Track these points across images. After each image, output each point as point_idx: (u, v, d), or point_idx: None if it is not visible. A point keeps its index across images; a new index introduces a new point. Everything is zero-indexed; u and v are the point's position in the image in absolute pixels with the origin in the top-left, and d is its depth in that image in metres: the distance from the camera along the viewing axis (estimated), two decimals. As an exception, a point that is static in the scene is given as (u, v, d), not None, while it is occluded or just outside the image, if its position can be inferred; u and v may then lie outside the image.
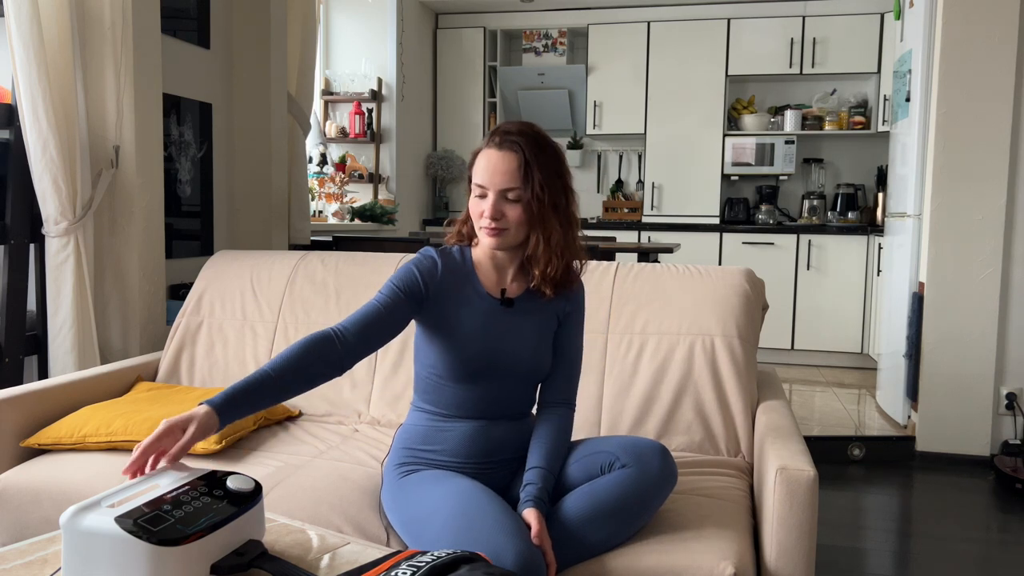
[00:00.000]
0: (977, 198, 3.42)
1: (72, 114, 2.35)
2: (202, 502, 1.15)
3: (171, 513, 1.10)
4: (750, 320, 2.12)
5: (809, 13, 5.47)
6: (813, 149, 5.78)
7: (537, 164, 1.50)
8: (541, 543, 1.39)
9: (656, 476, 1.49)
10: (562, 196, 1.54)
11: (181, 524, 1.09)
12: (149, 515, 1.09)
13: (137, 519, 1.07)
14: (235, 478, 1.23)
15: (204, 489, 1.19)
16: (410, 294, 1.54)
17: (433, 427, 1.60)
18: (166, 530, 1.06)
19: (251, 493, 1.21)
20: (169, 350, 2.41)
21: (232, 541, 1.15)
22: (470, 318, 1.57)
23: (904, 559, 2.57)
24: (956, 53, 3.39)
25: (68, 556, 1.08)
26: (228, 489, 1.20)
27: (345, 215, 4.63)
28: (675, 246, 3.68)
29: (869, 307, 5.20)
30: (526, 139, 1.51)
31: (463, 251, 1.64)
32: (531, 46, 6.02)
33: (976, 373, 3.45)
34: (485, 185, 1.51)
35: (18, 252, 2.38)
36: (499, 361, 1.56)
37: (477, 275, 1.61)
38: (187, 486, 1.19)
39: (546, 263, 1.54)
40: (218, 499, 1.17)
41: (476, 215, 1.54)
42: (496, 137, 1.52)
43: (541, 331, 1.61)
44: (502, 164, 1.49)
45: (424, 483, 1.51)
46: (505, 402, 1.60)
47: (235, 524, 1.15)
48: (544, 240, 1.53)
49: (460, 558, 1.12)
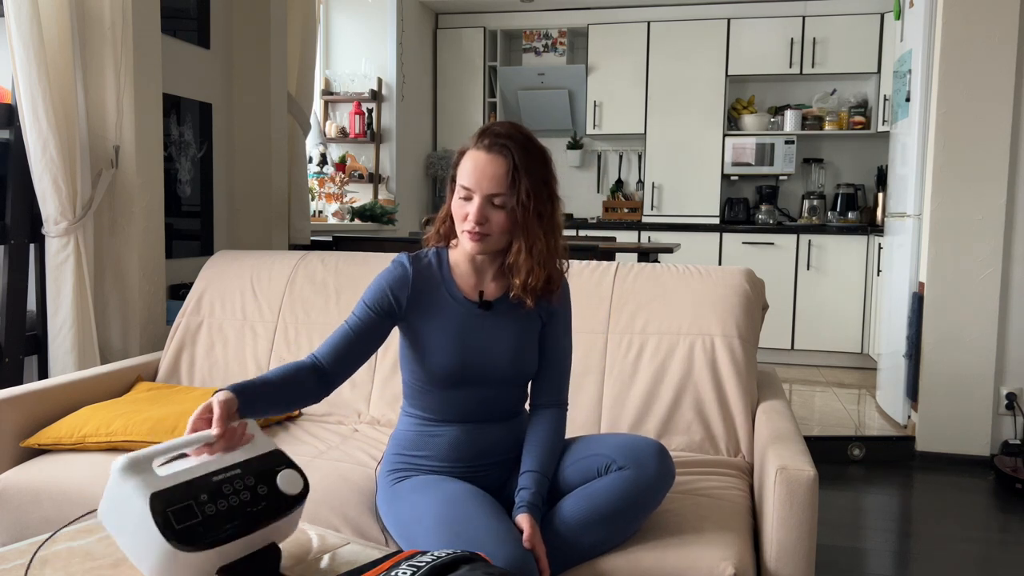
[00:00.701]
0: (977, 198, 3.42)
1: (72, 114, 2.35)
2: (239, 499, 1.11)
3: (204, 507, 1.07)
4: (750, 320, 2.12)
5: (809, 13, 5.47)
6: (813, 149, 5.78)
7: (525, 170, 1.45)
8: (534, 548, 1.38)
9: (653, 478, 1.47)
10: (548, 204, 1.50)
11: (205, 527, 1.05)
12: (181, 505, 1.06)
13: (169, 506, 1.04)
14: (287, 476, 1.18)
15: (252, 481, 1.14)
16: (383, 312, 1.53)
17: (423, 432, 1.59)
18: (189, 530, 1.04)
19: (293, 498, 1.17)
20: (169, 350, 2.41)
21: (253, 544, 1.12)
22: (446, 326, 1.54)
23: (904, 559, 2.57)
24: (956, 53, 3.39)
25: (111, 494, 1.09)
26: (275, 488, 1.16)
27: (345, 215, 4.63)
28: (675, 246, 3.67)
29: (869, 307, 5.20)
30: (516, 143, 1.46)
31: (439, 254, 1.60)
32: (531, 46, 6.02)
33: (976, 373, 3.45)
34: (471, 188, 1.46)
35: (18, 252, 2.38)
36: (480, 366, 1.54)
37: (453, 279, 1.57)
38: (238, 470, 1.14)
39: (527, 272, 1.50)
40: (259, 499, 1.13)
41: (459, 217, 1.49)
42: (485, 139, 1.47)
43: (523, 332, 1.57)
44: (490, 168, 1.45)
45: (415, 490, 1.50)
46: (493, 404, 1.58)
47: (261, 533, 1.12)
48: (526, 249, 1.49)
49: (460, 558, 1.12)
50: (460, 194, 1.49)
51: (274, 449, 1.23)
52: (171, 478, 1.09)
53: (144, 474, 1.08)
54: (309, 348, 2.30)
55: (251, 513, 1.11)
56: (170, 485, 1.08)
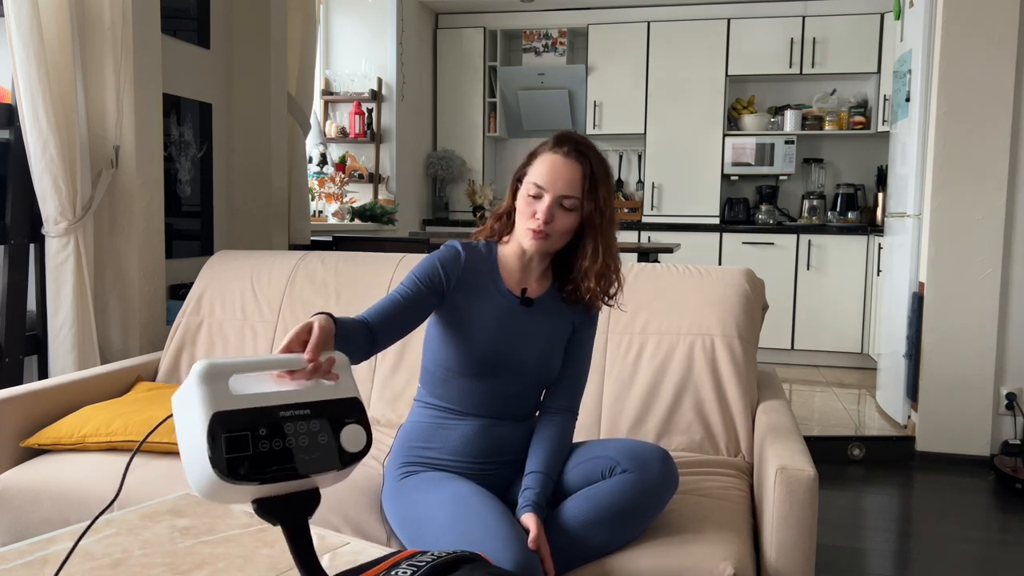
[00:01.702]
0: (977, 198, 3.42)
1: (72, 114, 2.35)
2: (297, 443, 1.07)
3: (259, 442, 1.04)
4: (750, 320, 2.12)
5: (809, 13, 5.47)
6: (813, 149, 5.78)
7: (601, 179, 1.53)
8: (539, 548, 1.39)
9: (657, 482, 1.48)
10: (615, 214, 1.59)
11: (252, 462, 1.03)
12: (238, 434, 1.03)
13: (226, 431, 1.03)
14: (352, 431, 1.12)
15: (316, 426, 1.09)
16: (431, 287, 1.55)
17: (436, 424, 1.60)
18: (235, 461, 1.01)
19: (351, 455, 1.11)
20: (169, 350, 2.41)
21: (297, 486, 1.07)
22: (486, 313, 1.57)
23: (904, 559, 2.57)
24: (956, 53, 3.39)
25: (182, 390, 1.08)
26: (336, 441, 1.10)
27: (345, 215, 4.63)
28: (675, 246, 3.68)
29: (869, 307, 5.20)
30: (593, 153, 1.54)
31: (489, 247, 1.65)
32: (531, 46, 6.02)
33: (976, 373, 3.45)
34: (545, 187, 1.51)
35: (18, 252, 2.38)
36: (509, 358, 1.57)
37: (500, 272, 1.61)
38: (308, 410, 1.10)
39: (599, 276, 1.56)
40: (316, 447, 1.08)
41: (526, 214, 1.54)
42: (564, 145, 1.53)
43: (554, 334, 1.61)
44: (567, 171, 1.51)
45: (423, 486, 1.51)
46: (510, 402, 1.60)
47: (308, 480, 1.07)
48: (604, 253, 1.56)
49: (460, 558, 1.11)
50: (531, 191, 1.53)
51: (353, 397, 1.16)
52: (239, 400, 1.06)
53: (217, 386, 1.05)
54: (309, 348, 2.30)
55: (304, 460, 1.07)
56: (234, 408, 1.05)
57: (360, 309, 2.29)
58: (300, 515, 1.08)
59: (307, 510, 1.09)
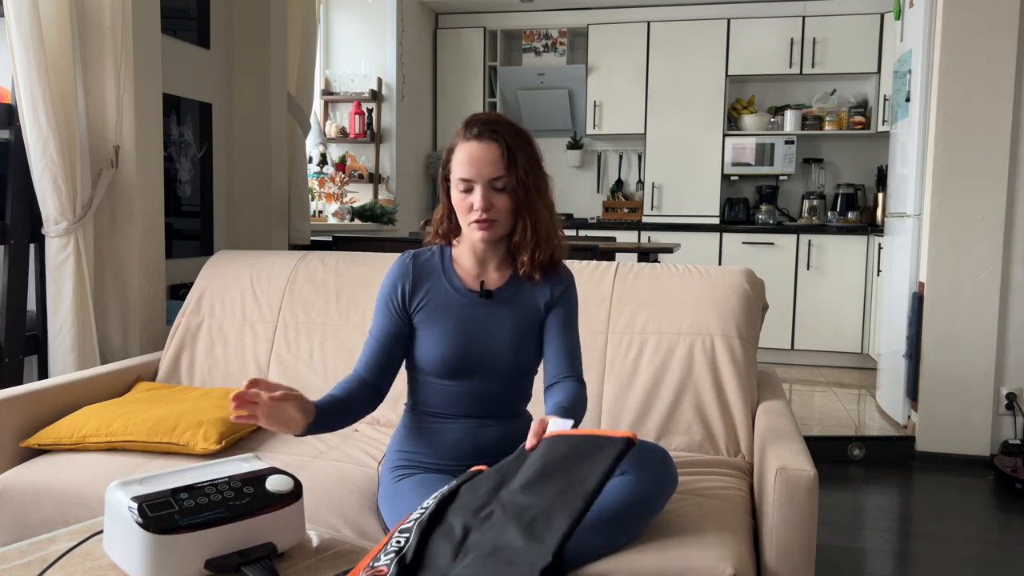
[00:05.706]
0: (977, 198, 3.42)
1: (72, 114, 2.35)
2: (223, 496, 1.17)
3: (183, 502, 1.14)
4: (750, 320, 2.12)
5: (809, 13, 5.47)
6: (813, 149, 5.78)
7: (518, 149, 1.51)
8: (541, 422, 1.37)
9: (656, 483, 1.48)
10: (543, 180, 1.56)
11: (180, 515, 1.12)
12: (160, 501, 1.13)
13: (145, 503, 1.12)
14: (276, 479, 1.24)
15: (238, 484, 1.20)
16: (394, 308, 1.59)
17: (425, 428, 1.61)
18: (164, 517, 1.10)
19: (282, 495, 1.21)
20: (169, 350, 2.41)
21: (238, 540, 1.15)
22: (448, 314, 1.57)
23: (904, 559, 2.57)
24: (956, 53, 3.39)
25: (106, 519, 1.18)
26: (262, 487, 1.21)
27: (345, 215, 4.63)
28: (675, 246, 3.67)
29: (869, 307, 5.20)
30: (503, 127, 1.52)
31: (442, 250, 1.64)
32: (531, 46, 6.02)
33: (976, 373, 3.45)
34: (471, 178, 1.50)
35: (18, 252, 2.38)
36: (480, 356, 1.56)
37: (455, 270, 1.61)
38: (226, 478, 1.21)
39: (534, 248, 1.55)
40: (243, 495, 1.18)
41: (463, 210, 1.53)
42: (473, 128, 1.52)
43: (523, 322, 1.59)
44: (486, 154, 1.49)
45: (416, 488, 1.51)
46: (493, 400, 1.60)
47: (242, 524, 1.15)
48: (532, 226, 1.54)
49: (443, 501, 1.24)
50: (460, 187, 1.52)
51: (270, 467, 1.29)
52: (155, 487, 1.18)
53: (130, 487, 1.17)
54: (309, 348, 2.31)
55: (233, 505, 1.17)
56: (155, 491, 1.16)
57: (360, 309, 2.30)
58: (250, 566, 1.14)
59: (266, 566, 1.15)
